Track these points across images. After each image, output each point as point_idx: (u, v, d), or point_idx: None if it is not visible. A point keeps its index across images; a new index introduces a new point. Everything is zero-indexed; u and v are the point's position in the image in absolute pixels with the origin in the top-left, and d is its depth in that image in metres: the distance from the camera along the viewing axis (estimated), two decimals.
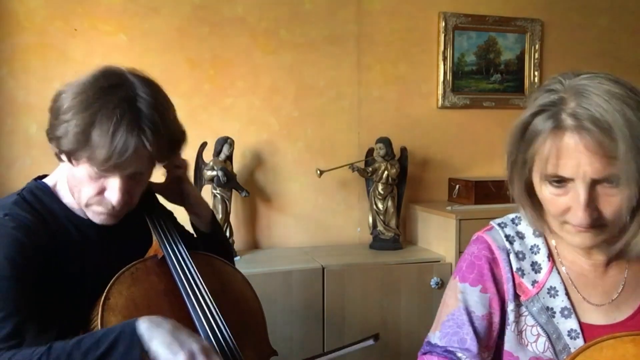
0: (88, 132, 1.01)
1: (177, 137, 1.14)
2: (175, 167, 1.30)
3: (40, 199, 1.14)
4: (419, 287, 2.33)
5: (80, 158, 1.05)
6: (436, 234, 2.52)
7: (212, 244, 1.35)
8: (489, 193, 2.58)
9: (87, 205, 1.11)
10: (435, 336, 1.05)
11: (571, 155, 0.90)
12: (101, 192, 1.09)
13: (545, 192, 0.96)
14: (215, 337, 1.10)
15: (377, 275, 2.30)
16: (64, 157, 1.09)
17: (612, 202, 0.91)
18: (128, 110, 1.03)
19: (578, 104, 0.89)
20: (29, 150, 2.26)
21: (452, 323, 1.04)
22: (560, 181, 0.93)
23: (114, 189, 1.08)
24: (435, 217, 2.52)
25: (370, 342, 1.01)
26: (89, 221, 1.17)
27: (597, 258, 1.04)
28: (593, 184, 0.90)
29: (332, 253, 2.47)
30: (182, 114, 2.66)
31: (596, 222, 0.92)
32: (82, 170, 1.07)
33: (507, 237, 1.08)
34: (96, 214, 1.12)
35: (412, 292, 2.32)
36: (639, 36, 3.07)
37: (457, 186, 2.70)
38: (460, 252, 2.35)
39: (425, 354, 1.05)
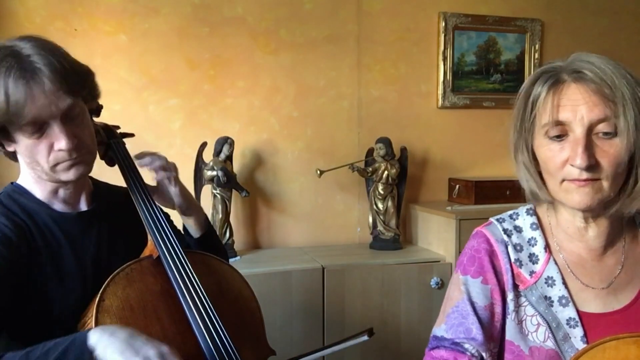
0: (5, 90, 1.02)
1: (80, 68, 1.12)
2: (162, 170, 1.29)
3: (18, 201, 1.14)
4: (419, 287, 2.33)
5: (10, 132, 1.06)
6: (436, 234, 2.52)
7: (205, 248, 1.34)
8: (489, 193, 2.58)
9: (53, 167, 1.10)
10: (441, 329, 1.07)
11: (570, 97, 0.97)
12: (51, 147, 1.08)
13: (546, 150, 1.01)
14: (212, 337, 1.10)
15: (377, 275, 2.29)
16: (6, 143, 1.09)
17: (608, 153, 0.96)
18: (16, 61, 1.03)
19: (578, 64, 0.99)
20: None
21: (457, 314, 1.06)
22: (559, 136, 0.99)
23: (57, 136, 1.07)
24: (435, 217, 2.52)
25: (364, 337, 1.00)
26: (70, 215, 1.17)
27: (593, 243, 1.07)
28: (590, 132, 0.96)
29: (332, 253, 2.47)
30: (182, 114, 2.67)
31: (593, 171, 0.96)
32: (24, 142, 1.08)
33: (505, 230, 1.11)
34: (66, 170, 1.11)
35: (412, 292, 2.32)
36: (639, 36, 3.08)
37: (457, 186, 2.70)
38: (460, 252, 2.34)
39: (433, 349, 1.07)
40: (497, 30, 2.84)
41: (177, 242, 1.20)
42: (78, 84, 1.09)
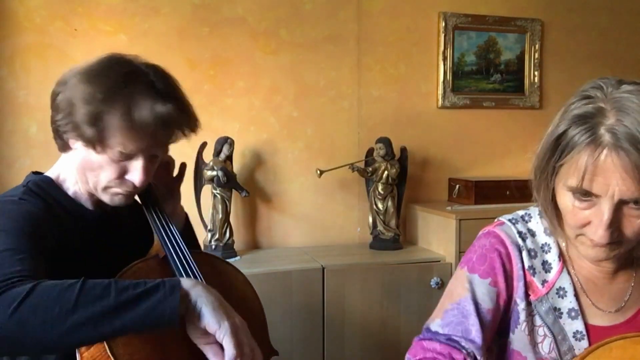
0: (129, 116, 1.04)
1: (194, 111, 1.17)
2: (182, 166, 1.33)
3: (45, 190, 1.14)
4: (419, 287, 2.33)
5: (114, 144, 1.06)
6: (436, 234, 2.52)
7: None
8: (489, 193, 2.58)
9: (105, 188, 1.11)
10: (436, 324, 1.01)
11: (604, 174, 0.87)
12: (122, 175, 1.10)
13: (568, 202, 0.93)
14: None
15: (377, 275, 2.29)
16: (83, 144, 1.08)
17: (634, 223, 0.90)
18: (150, 88, 1.08)
19: (618, 120, 0.86)
20: (29, 150, 2.26)
21: (456, 312, 1.00)
22: (586, 194, 0.90)
23: (137, 170, 1.09)
24: (435, 217, 2.52)
25: None
26: (94, 213, 1.18)
27: (605, 265, 1.04)
28: (619, 204, 0.88)
29: (332, 253, 2.47)
30: None
31: (614, 239, 0.91)
32: (97, 156, 1.08)
33: (519, 233, 1.05)
34: (113, 196, 1.13)
35: (412, 292, 2.32)
36: (639, 36, 3.08)
37: (457, 186, 2.70)
38: (460, 252, 2.34)
39: (424, 340, 1.00)
40: (497, 30, 2.84)
41: (183, 242, 1.20)
42: (194, 126, 1.15)
